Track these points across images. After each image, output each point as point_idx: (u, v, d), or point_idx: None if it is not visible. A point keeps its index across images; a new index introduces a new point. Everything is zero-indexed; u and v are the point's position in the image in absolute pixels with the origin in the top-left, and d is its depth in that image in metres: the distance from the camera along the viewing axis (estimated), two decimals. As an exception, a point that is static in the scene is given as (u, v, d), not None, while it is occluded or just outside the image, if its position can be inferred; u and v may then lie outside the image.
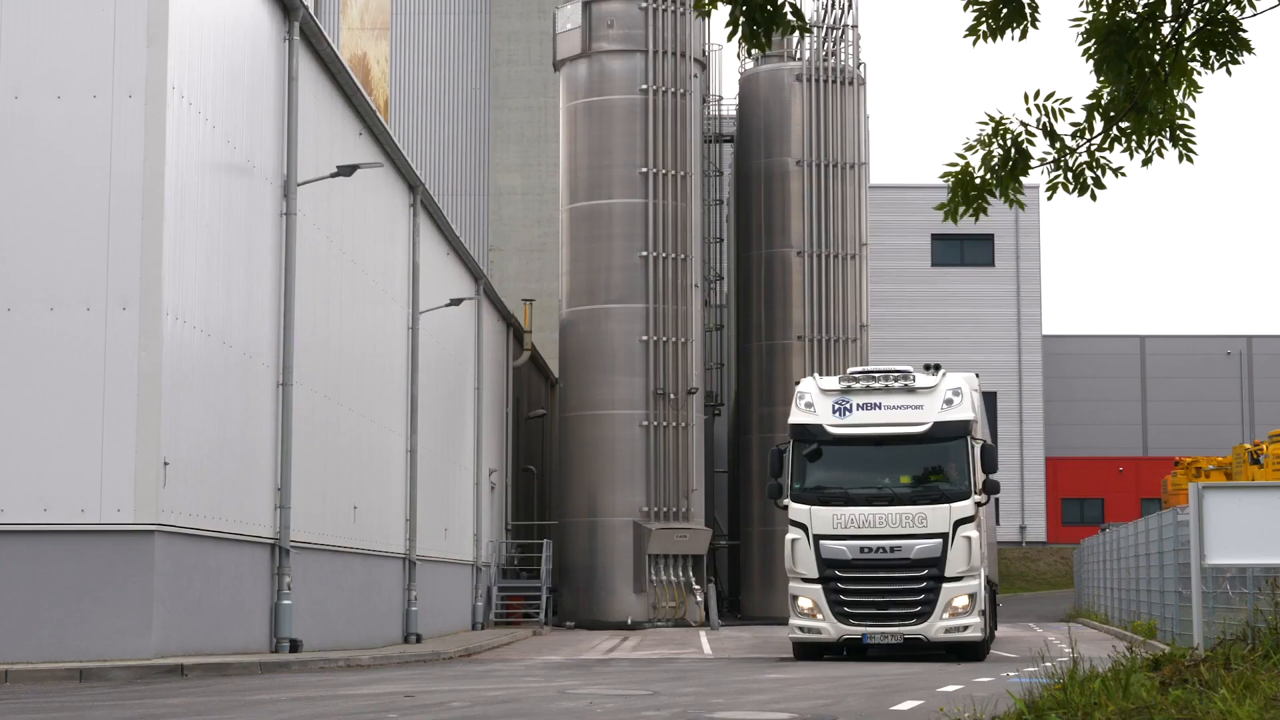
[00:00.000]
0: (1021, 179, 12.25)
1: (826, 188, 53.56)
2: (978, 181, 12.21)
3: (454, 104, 66.06)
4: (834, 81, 54.08)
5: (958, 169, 12.24)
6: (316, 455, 29.60)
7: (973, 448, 30.36)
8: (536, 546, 50.22)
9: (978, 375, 33.15)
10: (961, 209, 12.28)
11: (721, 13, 11.42)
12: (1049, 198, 12.26)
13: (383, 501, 35.09)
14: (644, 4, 49.66)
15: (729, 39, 11.28)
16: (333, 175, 29.40)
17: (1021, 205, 12.31)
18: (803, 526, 30.44)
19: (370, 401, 34.04)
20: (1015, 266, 76.59)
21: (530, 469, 57.16)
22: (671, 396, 48.85)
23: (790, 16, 11.33)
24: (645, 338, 48.81)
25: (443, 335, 41.32)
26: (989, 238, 75.64)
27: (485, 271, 49.38)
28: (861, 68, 54.81)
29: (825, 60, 54.23)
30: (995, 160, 12.21)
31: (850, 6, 54.77)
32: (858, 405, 30.74)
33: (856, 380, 30.96)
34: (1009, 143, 12.23)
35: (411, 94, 65.88)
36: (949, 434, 30.43)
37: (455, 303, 40.56)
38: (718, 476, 57.08)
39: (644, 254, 48.98)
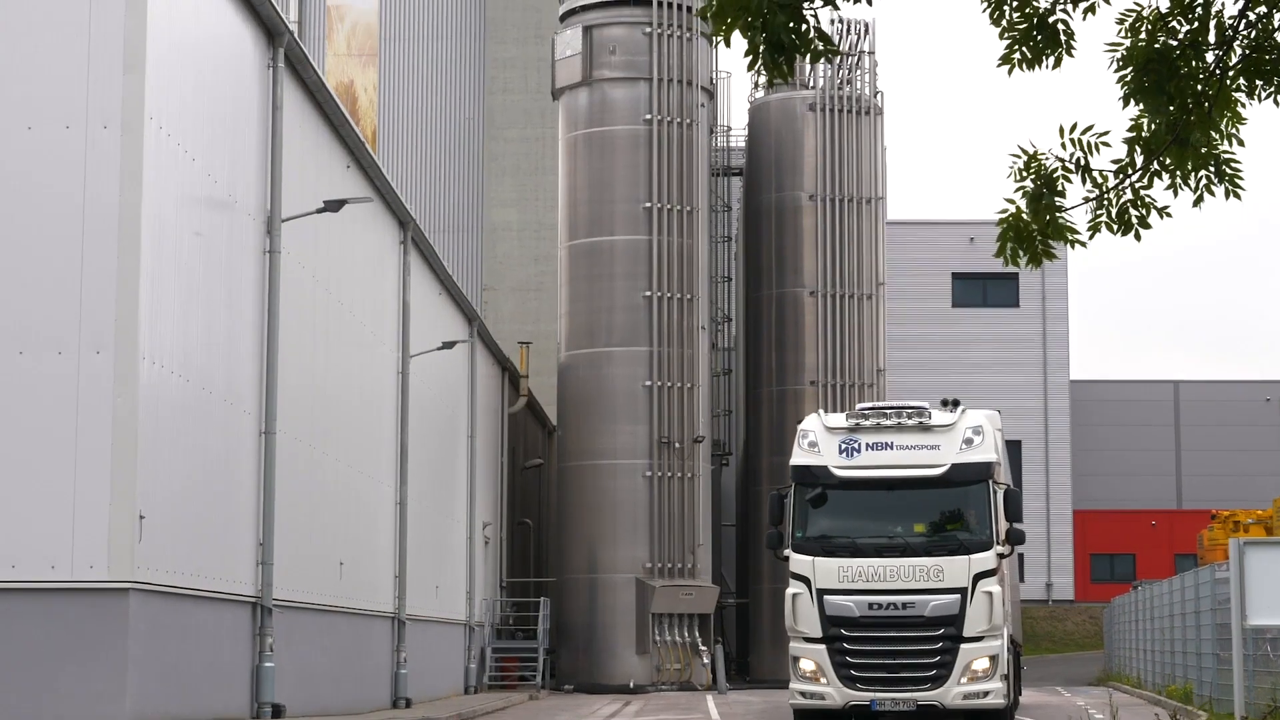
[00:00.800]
0: (1062, 216, 12.15)
1: (841, 223, 53.56)
2: (1034, 229, 12.09)
3: (446, 135, 66.09)
4: (849, 111, 54.13)
5: (1009, 214, 12.16)
6: (301, 508, 29.49)
7: (995, 493, 28.97)
8: (533, 605, 50.06)
9: (1000, 413, 32.37)
10: (1024, 258, 12.17)
11: (739, 41, 11.21)
12: (1090, 238, 12.19)
13: (370, 557, 34.98)
14: (648, 29, 49.72)
15: (749, 68, 11.09)
16: (319, 211, 29.33)
17: (1084, 244, 12.19)
18: (805, 580, 28.98)
19: (357, 451, 33.96)
20: (1041, 307, 76.48)
21: (526, 522, 57.02)
22: (676, 445, 48.76)
23: (817, 41, 11.16)
24: (649, 383, 48.75)
25: (434, 380, 41.25)
26: (1013, 277, 75.40)
27: (479, 312, 49.35)
28: (878, 96, 54.91)
29: (840, 89, 54.28)
30: (1028, 195, 12.15)
31: (867, 32, 54.87)
32: (867, 445, 29.29)
33: (866, 417, 29.61)
34: (1041, 180, 12.18)
35: (401, 124, 65.89)
36: (968, 477, 29.01)
37: (447, 345, 40.48)
38: (725, 530, 56.82)
39: (647, 294, 48.96)
